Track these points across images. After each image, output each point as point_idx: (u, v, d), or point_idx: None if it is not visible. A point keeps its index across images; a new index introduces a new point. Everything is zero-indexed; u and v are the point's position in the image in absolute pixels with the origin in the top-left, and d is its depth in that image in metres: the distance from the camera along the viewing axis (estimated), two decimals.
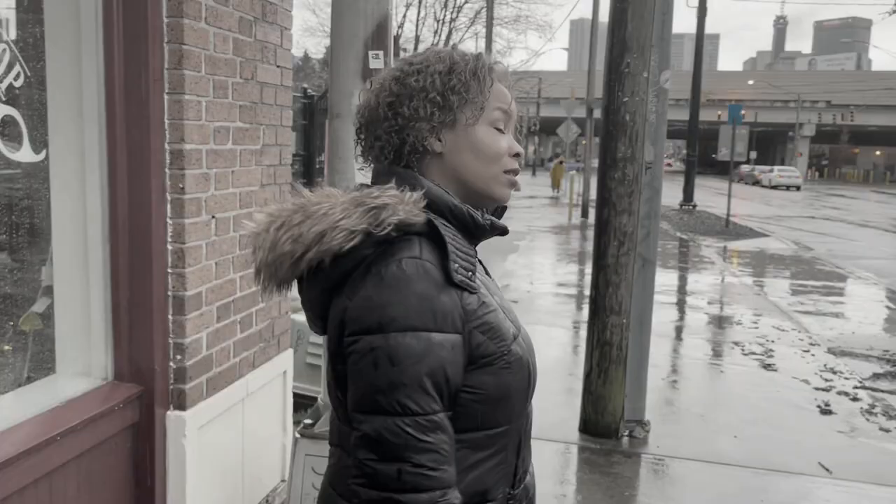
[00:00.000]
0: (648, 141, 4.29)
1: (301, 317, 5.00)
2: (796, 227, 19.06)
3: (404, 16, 28.60)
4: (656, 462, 4.13)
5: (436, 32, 28.85)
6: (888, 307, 9.14)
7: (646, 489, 3.86)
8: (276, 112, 3.07)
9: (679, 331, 7.39)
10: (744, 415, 4.91)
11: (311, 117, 14.43)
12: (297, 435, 2.73)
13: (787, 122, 56.29)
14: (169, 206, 2.44)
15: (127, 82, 2.34)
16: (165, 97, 2.39)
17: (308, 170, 14.21)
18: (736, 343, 6.83)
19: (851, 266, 12.29)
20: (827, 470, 4.04)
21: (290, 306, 3.43)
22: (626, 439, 4.39)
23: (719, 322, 7.92)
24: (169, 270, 2.46)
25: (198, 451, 2.57)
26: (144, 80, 2.34)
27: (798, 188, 41.62)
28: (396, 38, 28.69)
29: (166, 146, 2.41)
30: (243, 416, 2.93)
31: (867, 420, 4.89)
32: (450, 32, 29.17)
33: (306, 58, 35.58)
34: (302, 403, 4.41)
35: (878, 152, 64.00)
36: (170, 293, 2.47)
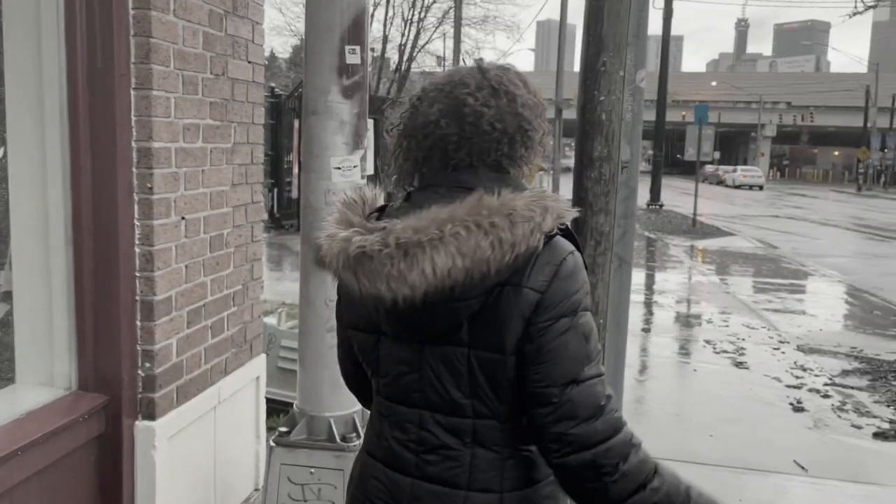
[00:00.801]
0: (625, 140, 4.26)
1: (272, 320, 4.89)
2: (761, 226, 19.37)
3: (372, 15, 28.40)
4: None
5: (403, 33, 28.71)
6: (853, 304, 9.31)
7: None
8: (248, 109, 2.97)
9: (651, 329, 7.42)
10: (718, 413, 4.93)
11: (279, 116, 14.25)
12: (272, 444, 2.63)
13: (750, 123, 57.28)
14: (136, 207, 2.33)
15: (91, 77, 2.23)
16: (132, 93, 2.28)
17: (275, 170, 14.03)
18: (707, 341, 6.88)
19: (816, 264, 12.50)
20: (802, 468, 4.06)
21: (262, 309, 3.33)
22: None
23: (690, 320, 7.98)
24: (137, 274, 2.35)
25: (168, 462, 2.46)
26: (109, 74, 2.23)
27: (761, 188, 42.35)
28: None
29: (133, 144, 2.30)
30: (215, 424, 2.83)
31: (839, 417, 4.94)
32: (418, 32, 29.05)
33: (273, 57, 35.16)
34: (274, 409, 4.30)
35: (836, 153, 65.46)
36: (138, 298, 2.36)
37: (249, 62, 2.95)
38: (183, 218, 2.51)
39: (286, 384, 4.30)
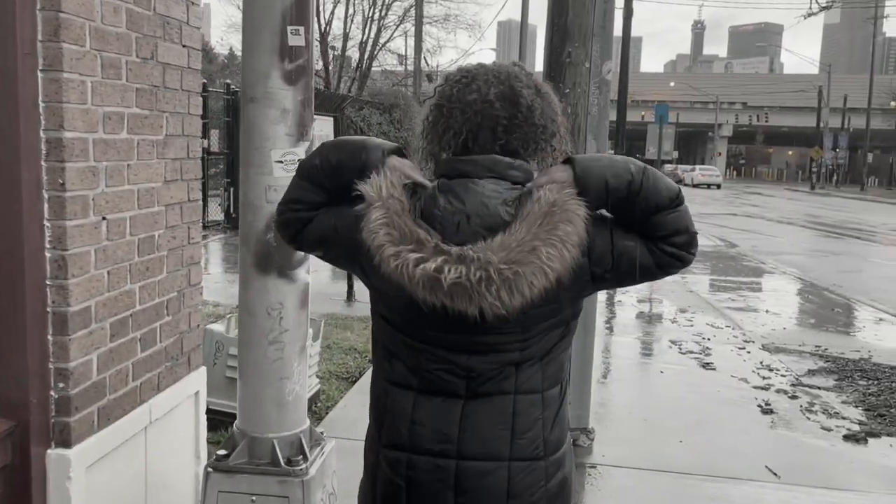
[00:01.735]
0: (591, 135, 4.09)
1: (220, 326, 4.59)
2: (720, 224, 19.53)
3: (332, 12, 28.01)
4: (603, 473, 3.93)
5: (364, 30, 28.33)
6: (814, 302, 9.32)
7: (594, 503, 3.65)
8: (183, 98, 2.69)
9: (615, 329, 7.28)
10: (687, 417, 4.78)
11: (235, 114, 13.82)
12: (209, 469, 2.36)
13: (707, 123, 58.19)
14: (46, 206, 2.04)
15: None
16: (39, 75, 2.00)
17: (232, 169, 13.61)
18: (673, 342, 6.76)
19: (775, 262, 12.58)
20: (775, 474, 3.92)
21: (203, 316, 3.05)
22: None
23: (654, 320, 7.87)
24: (48, 282, 2.07)
25: (86, 494, 2.18)
26: (11, 53, 1.94)
27: (719, 186, 42.97)
28: (324, 35, 28.00)
29: (42, 134, 2.02)
30: (146, 447, 2.55)
31: (808, 419, 4.83)
32: (379, 30, 28.73)
33: (232, 55, 34.52)
34: (223, 421, 4.02)
35: (790, 152, 66.92)
36: (49, 309, 2.07)
37: (184, 46, 2.67)
38: (104, 218, 2.23)
39: (235, 395, 4.02)
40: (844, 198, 37.45)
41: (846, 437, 4.51)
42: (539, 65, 4.29)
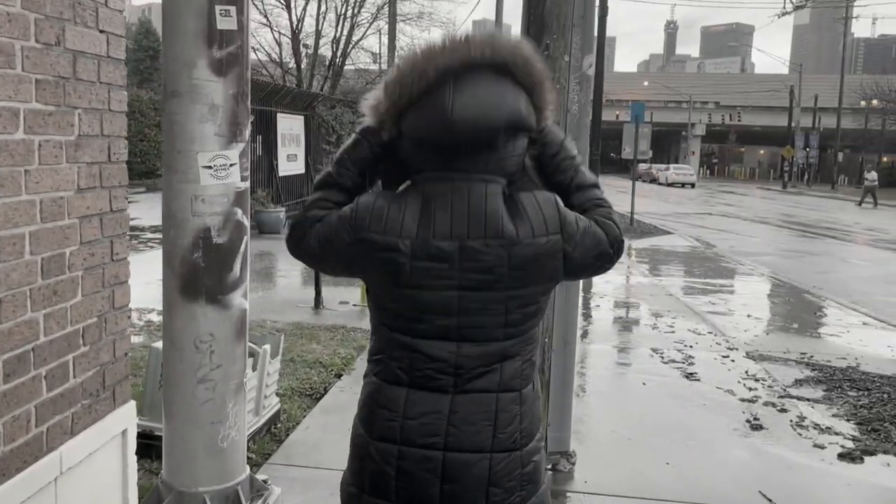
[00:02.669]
0: (570, 135, 3.76)
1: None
2: (696, 224, 19.42)
3: (304, 9, 27.51)
4: (585, 503, 3.61)
5: (337, 27, 27.87)
6: (795, 305, 9.12)
7: None
8: (102, 92, 2.32)
9: (594, 338, 6.99)
10: (673, 435, 4.49)
11: None
12: None
13: (681, 122, 58.44)
14: None
15: None
16: None
17: None
18: (654, 350, 6.48)
19: (754, 263, 12.42)
20: (770, 501, 3.64)
21: (131, 343, 2.67)
22: (550, 474, 3.85)
23: (635, 326, 7.60)
24: None
25: None
26: None
27: (693, 185, 43.10)
28: (296, 32, 27.49)
29: None
30: (56, 502, 2.17)
31: (799, 435, 4.57)
32: (352, 28, 28.28)
33: None
34: None
35: (762, 151, 67.54)
36: None
37: (102, 31, 2.30)
38: None
39: None
40: (817, 196, 37.74)
41: (841, 456, 4.25)
42: None
